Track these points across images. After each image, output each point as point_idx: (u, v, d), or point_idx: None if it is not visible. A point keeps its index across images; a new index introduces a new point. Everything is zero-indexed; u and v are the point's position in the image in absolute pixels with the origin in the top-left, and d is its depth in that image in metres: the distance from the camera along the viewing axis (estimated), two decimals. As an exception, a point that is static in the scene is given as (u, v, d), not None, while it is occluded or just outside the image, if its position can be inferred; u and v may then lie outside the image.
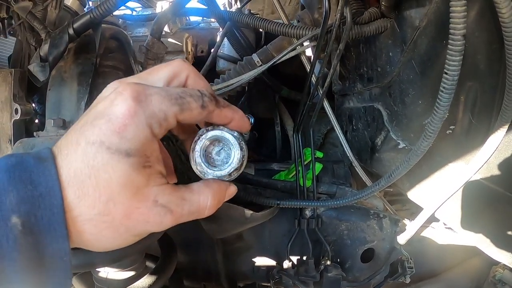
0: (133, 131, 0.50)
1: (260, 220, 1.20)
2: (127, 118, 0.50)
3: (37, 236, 0.47)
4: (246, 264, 1.44)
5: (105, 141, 0.49)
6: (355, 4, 1.04)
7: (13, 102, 1.35)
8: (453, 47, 0.66)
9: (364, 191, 1.03)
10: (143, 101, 0.51)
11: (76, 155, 0.50)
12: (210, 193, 0.61)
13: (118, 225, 0.52)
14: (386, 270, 1.28)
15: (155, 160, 0.54)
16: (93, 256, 0.91)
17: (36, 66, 1.02)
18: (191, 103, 0.55)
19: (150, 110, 0.52)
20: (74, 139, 0.51)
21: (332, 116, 1.22)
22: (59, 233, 0.48)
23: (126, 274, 1.06)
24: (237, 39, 1.55)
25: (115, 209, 0.51)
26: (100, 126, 0.50)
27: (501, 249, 0.97)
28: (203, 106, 0.57)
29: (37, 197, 0.47)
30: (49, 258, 0.48)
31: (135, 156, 0.51)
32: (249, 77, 1.13)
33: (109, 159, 0.49)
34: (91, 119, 0.51)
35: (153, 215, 0.54)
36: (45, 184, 0.48)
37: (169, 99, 0.53)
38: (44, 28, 1.13)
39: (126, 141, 0.50)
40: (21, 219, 0.46)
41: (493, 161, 0.84)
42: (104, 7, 0.99)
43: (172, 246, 1.21)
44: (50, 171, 0.49)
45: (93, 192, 0.49)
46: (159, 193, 0.55)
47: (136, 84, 0.53)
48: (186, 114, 0.55)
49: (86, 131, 0.50)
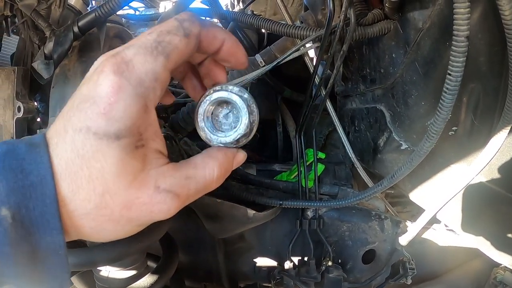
0: (122, 108, 0.45)
1: (262, 220, 1.20)
2: (111, 96, 0.45)
3: (29, 229, 0.43)
4: (248, 264, 1.44)
5: (92, 126, 0.44)
6: (358, 5, 1.05)
7: (15, 100, 1.35)
8: (457, 49, 0.67)
9: (366, 192, 1.03)
10: (125, 70, 0.46)
11: (65, 144, 0.45)
12: (216, 164, 0.55)
13: (119, 218, 0.48)
14: (387, 271, 1.29)
15: (151, 136, 0.50)
16: (95, 254, 0.91)
17: (40, 63, 1.02)
18: (172, 41, 0.49)
19: (136, 77, 0.46)
20: (62, 126, 0.46)
21: (335, 117, 1.22)
22: (53, 225, 0.44)
23: (127, 273, 1.06)
24: (239, 39, 1.55)
25: (112, 201, 0.47)
26: (86, 110, 0.45)
27: (502, 250, 0.97)
28: (186, 34, 0.50)
29: (28, 186, 0.43)
30: (43, 251, 0.45)
31: (125, 137, 0.46)
32: (253, 77, 1.13)
33: (98, 145, 0.45)
34: (76, 103, 0.46)
35: (157, 203, 0.49)
36: (37, 172, 0.44)
37: (150, 53, 0.47)
38: (49, 26, 1.13)
39: (114, 122, 0.45)
40: (11, 210, 0.42)
41: (495, 162, 0.84)
42: (109, 6, 0.99)
43: (173, 245, 1.21)
44: (42, 158, 0.45)
45: (87, 184, 0.45)
46: (159, 177, 0.50)
47: (113, 56, 0.47)
48: (174, 56, 0.49)
49: (72, 116, 0.46)
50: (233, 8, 2.88)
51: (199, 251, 1.43)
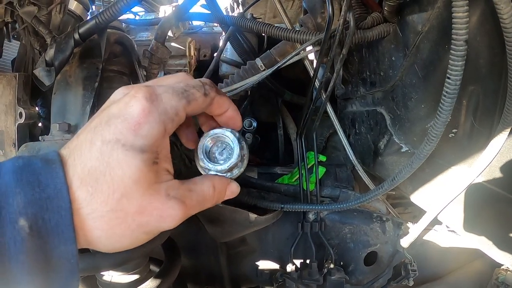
0: (148, 128, 0.53)
1: (264, 223, 1.20)
2: (142, 117, 0.53)
3: (45, 239, 0.47)
4: (250, 267, 1.44)
5: (121, 138, 0.51)
6: (358, 9, 1.05)
7: (17, 106, 1.35)
8: (456, 52, 0.67)
9: (367, 195, 1.03)
10: (155, 100, 0.55)
11: (91, 154, 0.51)
12: (211, 184, 0.64)
13: (131, 222, 0.53)
14: (389, 273, 1.29)
15: (163, 157, 0.58)
16: (98, 259, 0.91)
17: (41, 70, 1.03)
18: (195, 94, 0.60)
19: (162, 108, 0.55)
20: (88, 138, 0.53)
21: (335, 120, 1.22)
22: (67, 236, 0.48)
23: (130, 277, 1.06)
24: (240, 43, 1.56)
25: (128, 205, 0.52)
26: (116, 125, 0.52)
27: (503, 251, 0.97)
28: (205, 94, 0.62)
29: (44, 199, 0.47)
30: (56, 260, 0.48)
31: (147, 152, 0.53)
32: (253, 81, 1.14)
33: (124, 155, 0.51)
34: (105, 120, 0.53)
35: (167, 209, 0.56)
36: (53, 186, 0.48)
37: (177, 95, 0.57)
38: (50, 32, 1.13)
39: (140, 138, 0.52)
40: (28, 221, 0.46)
41: (496, 164, 0.84)
42: (109, 13, 0.99)
43: (176, 250, 1.21)
44: (58, 174, 0.50)
45: (107, 189, 0.51)
46: (169, 188, 0.57)
47: (147, 86, 0.56)
48: (193, 104, 0.59)
49: (101, 130, 0.52)
50: (232, 11, 2.88)
51: (201, 255, 1.43)
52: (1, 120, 1.38)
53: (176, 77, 0.65)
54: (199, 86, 0.62)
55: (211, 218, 1.17)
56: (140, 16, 2.36)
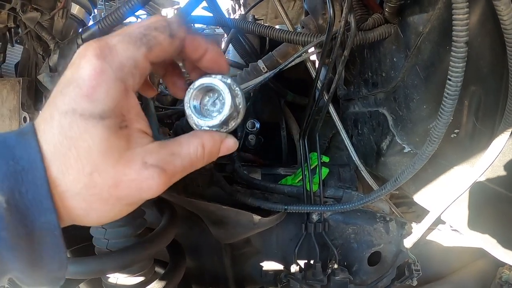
0: (104, 90, 0.47)
1: (267, 225, 1.21)
2: (94, 79, 0.46)
3: (24, 212, 0.45)
4: (254, 268, 1.45)
5: (77, 108, 0.46)
6: (359, 10, 1.05)
7: (21, 110, 1.36)
8: (456, 54, 0.67)
9: (370, 196, 1.04)
10: (108, 55, 0.48)
11: (53, 128, 0.47)
12: (200, 143, 0.56)
13: (108, 197, 0.49)
14: (393, 273, 1.29)
15: (134, 117, 0.51)
16: (103, 262, 0.92)
17: (45, 76, 1.03)
18: (158, 37, 0.51)
19: (117, 62, 0.48)
20: (48, 112, 0.48)
21: (338, 122, 1.23)
22: (46, 206, 0.45)
23: (135, 279, 1.07)
24: (242, 45, 1.56)
25: (101, 180, 0.48)
26: (70, 94, 0.46)
27: (507, 250, 0.98)
28: (171, 35, 0.52)
29: (19, 171, 0.45)
30: (39, 232, 0.46)
31: (110, 117, 0.47)
32: (256, 83, 1.14)
33: (84, 126, 0.46)
34: (60, 88, 0.48)
35: (146, 179, 0.50)
36: (27, 157, 0.45)
37: (134, 42, 0.50)
38: (53, 38, 1.14)
39: (98, 104, 0.46)
40: (5, 196, 0.43)
41: (498, 163, 0.84)
42: (112, 18, 1.00)
43: (180, 251, 1.22)
44: (31, 144, 0.46)
45: (76, 164, 0.47)
46: (146, 154, 0.51)
47: (97, 40, 0.49)
48: (156, 50, 0.51)
49: (57, 101, 0.47)
50: (234, 13, 2.88)
51: (205, 256, 1.44)
52: (6, 124, 1.38)
53: (141, 22, 0.54)
54: (163, 26, 0.52)
55: (215, 220, 1.17)
56: (142, 19, 2.37)
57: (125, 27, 0.52)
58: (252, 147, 1.68)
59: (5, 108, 1.38)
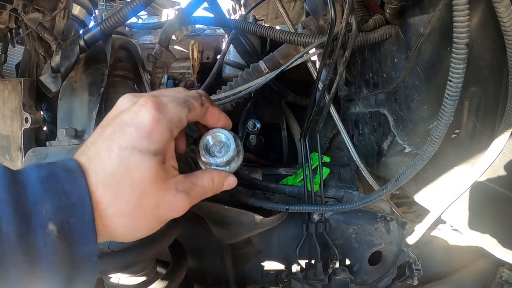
0: (159, 135, 0.61)
1: (269, 225, 1.21)
2: (153, 125, 0.60)
3: (70, 241, 0.53)
4: (255, 268, 1.45)
5: (137, 145, 0.59)
6: (360, 11, 1.06)
7: (23, 111, 1.36)
8: (457, 56, 0.67)
9: (371, 196, 1.04)
10: (163, 110, 0.62)
11: (111, 160, 0.59)
12: (210, 177, 0.73)
13: (150, 215, 0.63)
14: (394, 273, 1.29)
15: (170, 156, 0.66)
16: (106, 263, 0.92)
17: (48, 77, 1.04)
18: (194, 103, 0.69)
19: (169, 116, 0.63)
20: (106, 146, 0.60)
21: (339, 122, 1.23)
22: (90, 238, 0.55)
23: (137, 279, 1.07)
24: (243, 45, 1.57)
25: (147, 201, 0.61)
26: (131, 133, 0.60)
27: (507, 249, 0.98)
28: (202, 104, 0.70)
29: (70, 206, 0.54)
30: (79, 258, 0.55)
31: (159, 154, 0.62)
32: (258, 84, 1.14)
33: (141, 159, 0.59)
34: (119, 128, 0.61)
35: (177, 201, 0.65)
36: (77, 194, 0.55)
37: (180, 104, 0.66)
38: (55, 39, 1.14)
39: (153, 143, 0.60)
40: (56, 226, 0.52)
41: (498, 163, 0.84)
42: (114, 19, 1.00)
43: (182, 252, 1.22)
44: (81, 183, 0.56)
45: (129, 189, 0.59)
46: (177, 182, 0.66)
47: (154, 97, 0.64)
48: (192, 113, 0.68)
49: (117, 138, 0.60)
50: (235, 13, 2.88)
51: (207, 257, 1.44)
52: (7, 125, 1.39)
53: (176, 90, 0.72)
54: (197, 97, 0.70)
55: (218, 220, 1.18)
56: (143, 20, 2.37)
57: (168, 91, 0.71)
58: (253, 147, 1.68)
59: (6, 109, 1.39)
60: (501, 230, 0.98)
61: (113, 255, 0.94)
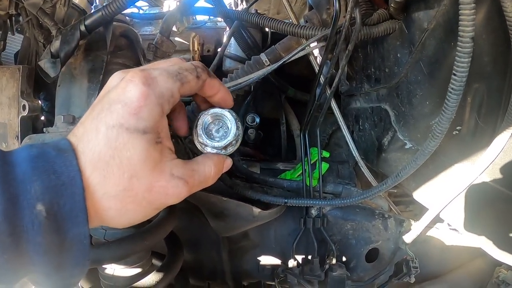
0: (147, 111, 0.57)
1: (267, 218, 1.21)
2: (141, 101, 0.57)
3: (60, 222, 0.51)
4: (251, 262, 1.44)
5: (124, 123, 0.56)
6: (364, 5, 1.05)
7: (20, 98, 1.36)
8: (462, 49, 0.67)
9: (370, 191, 1.04)
10: (151, 84, 0.59)
11: (98, 139, 0.55)
12: (212, 163, 0.69)
13: (141, 199, 0.59)
14: (391, 270, 1.29)
15: (165, 136, 0.63)
16: (100, 253, 0.92)
17: (47, 62, 1.03)
18: (188, 76, 0.64)
19: (158, 91, 0.59)
20: (93, 126, 0.57)
21: (339, 116, 1.22)
22: (80, 219, 0.53)
23: (132, 271, 1.07)
24: (244, 38, 1.56)
25: (138, 184, 0.57)
26: (118, 111, 0.56)
27: (504, 250, 0.98)
28: (198, 77, 0.66)
29: (59, 186, 0.51)
30: (70, 241, 0.52)
31: (150, 133, 0.58)
32: (258, 76, 1.14)
33: (129, 138, 0.56)
34: (106, 106, 0.57)
35: (172, 187, 0.61)
36: (67, 174, 0.53)
37: (171, 77, 0.62)
38: (55, 24, 1.14)
39: (142, 121, 0.57)
40: (45, 206, 0.50)
41: (499, 162, 0.84)
42: (115, 5, 1.00)
43: (178, 244, 1.21)
44: (71, 162, 0.54)
45: (118, 170, 0.56)
46: (173, 167, 0.62)
47: (142, 71, 0.60)
48: (186, 86, 0.64)
49: (104, 117, 0.56)
50: (236, 7, 2.87)
51: (203, 250, 1.44)
52: (5, 112, 1.38)
53: (170, 61, 0.69)
54: (192, 69, 0.66)
55: (215, 212, 1.17)
56: (144, 10, 2.36)
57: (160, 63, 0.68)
58: (252, 142, 1.68)
59: (4, 96, 1.38)
60: (499, 230, 0.98)
61: (108, 245, 0.94)
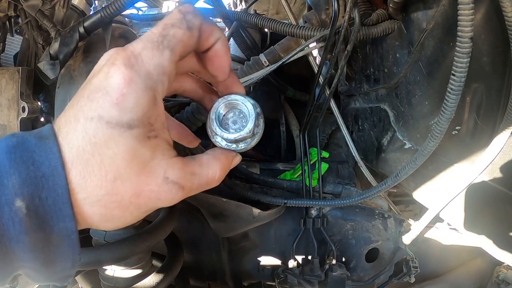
0: (133, 99, 0.46)
1: (267, 219, 1.21)
2: (124, 87, 0.46)
3: (43, 217, 0.45)
4: (251, 263, 1.45)
5: (104, 115, 0.46)
6: (363, 6, 1.05)
7: (20, 100, 1.35)
8: (461, 49, 0.67)
9: (370, 191, 1.04)
10: (135, 64, 0.47)
11: (76, 132, 0.46)
12: (219, 166, 0.58)
13: (128, 204, 0.49)
14: (391, 270, 1.29)
15: (160, 127, 0.51)
16: (100, 254, 0.92)
17: (46, 64, 1.03)
18: (176, 34, 0.50)
19: (145, 70, 0.48)
20: (72, 115, 0.47)
21: (339, 117, 1.22)
22: (65, 213, 0.46)
23: (132, 272, 1.07)
24: (243, 39, 1.56)
25: (123, 188, 0.48)
26: (98, 100, 0.46)
27: (504, 249, 0.98)
28: (189, 27, 0.51)
29: (40, 177, 0.45)
30: (56, 236, 0.46)
31: (138, 127, 0.47)
32: (258, 77, 1.14)
33: (110, 134, 0.46)
34: (87, 93, 0.47)
35: (164, 192, 0.51)
36: (48, 163, 0.45)
37: (156, 47, 0.49)
38: (54, 26, 1.13)
39: (126, 112, 0.46)
40: (25, 202, 0.44)
41: (498, 161, 0.84)
42: (114, 7, 0.99)
43: (178, 245, 1.22)
44: (52, 149, 0.46)
45: (99, 170, 0.46)
46: (168, 168, 0.51)
47: (123, 50, 0.48)
48: (179, 49, 0.50)
49: (83, 106, 0.46)
50: (235, 7, 2.88)
51: (203, 251, 1.44)
52: (4, 114, 1.38)
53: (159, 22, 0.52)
54: (179, 19, 0.51)
55: (215, 213, 1.17)
56: (143, 11, 2.36)
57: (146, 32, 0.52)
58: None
59: (3, 98, 1.38)
60: (499, 230, 0.98)
61: (108, 246, 0.94)
